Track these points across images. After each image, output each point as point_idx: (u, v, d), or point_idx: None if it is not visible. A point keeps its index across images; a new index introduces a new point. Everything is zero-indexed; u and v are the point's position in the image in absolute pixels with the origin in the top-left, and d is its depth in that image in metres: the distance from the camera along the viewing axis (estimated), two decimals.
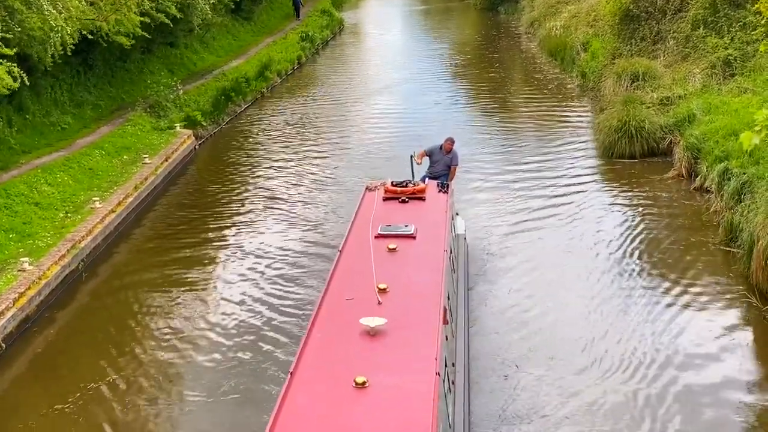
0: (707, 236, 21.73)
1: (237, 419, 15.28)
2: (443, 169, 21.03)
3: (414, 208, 17.14)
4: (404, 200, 17.47)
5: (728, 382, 15.55)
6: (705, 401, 15.05)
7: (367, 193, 18.17)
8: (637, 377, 15.85)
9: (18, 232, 21.92)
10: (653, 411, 14.82)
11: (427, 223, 16.10)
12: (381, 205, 17.19)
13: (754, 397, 15.09)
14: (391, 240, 14.96)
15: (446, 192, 18.40)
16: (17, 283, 19.18)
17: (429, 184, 18.53)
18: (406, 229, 15.46)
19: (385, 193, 17.78)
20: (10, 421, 15.48)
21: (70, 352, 17.87)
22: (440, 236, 15.55)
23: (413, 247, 14.91)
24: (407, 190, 17.78)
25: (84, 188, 25.75)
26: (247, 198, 26.96)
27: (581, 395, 15.34)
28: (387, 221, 15.93)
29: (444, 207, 17.38)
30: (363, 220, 16.18)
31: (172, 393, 16.23)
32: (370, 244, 14.53)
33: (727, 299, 18.58)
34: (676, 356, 16.47)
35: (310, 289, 19.78)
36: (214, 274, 21.27)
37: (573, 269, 20.45)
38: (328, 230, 23.70)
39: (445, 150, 21.12)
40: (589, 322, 17.93)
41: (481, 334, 17.64)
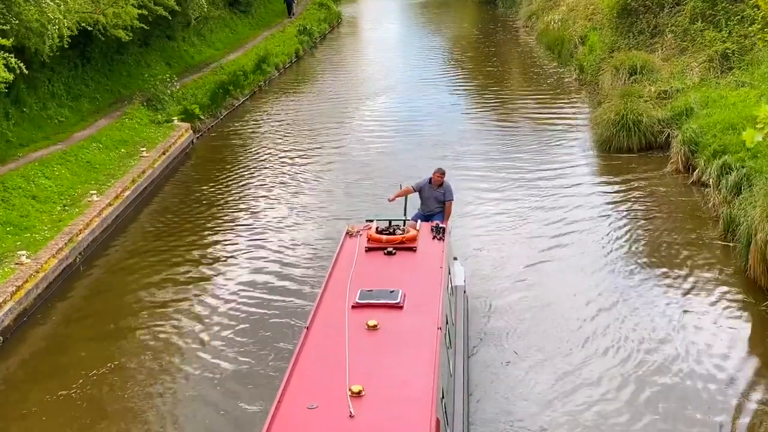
0: (705, 230, 21.73)
1: (236, 404, 15.31)
2: (436, 206, 18.36)
3: (402, 263, 14.37)
4: (391, 252, 14.64)
5: (724, 375, 15.55)
6: (700, 394, 15.05)
7: (346, 240, 15.40)
8: (632, 369, 15.85)
9: (15, 225, 21.89)
10: (647, 403, 14.82)
11: (418, 286, 13.36)
12: (363, 257, 14.52)
13: (750, 391, 15.08)
14: (371, 312, 12.26)
15: (442, 239, 15.54)
16: (15, 277, 19.16)
17: (421, 230, 15.63)
18: (392, 296, 12.67)
19: (369, 242, 14.95)
20: (12, 411, 15.49)
21: (68, 344, 17.86)
22: (433, 305, 12.76)
23: (399, 323, 12.17)
24: (395, 238, 14.94)
25: (81, 181, 25.72)
26: (245, 191, 26.93)
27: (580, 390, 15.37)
28: (368, 282, 13.26)
29: (439, 261, 14.52)
30: (339, 280, 13.51)
31: (171, 382, 16.23)
32: (346, 318, 12.03)
33: (724, 293, 18.57)
34: (672, 350, 16.45)
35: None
36: (213, 267, 21.24)
37: (568, 271, 20.45)
38: (324, 221, 23.74)
39: (435, 183, 18.32)
40: (586, 313, 17.93)
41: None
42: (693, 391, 15.17)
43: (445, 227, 16.21)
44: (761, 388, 15.28)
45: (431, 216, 17.97)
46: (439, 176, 18.33)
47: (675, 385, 15.36)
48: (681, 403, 14.83)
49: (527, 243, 21.80)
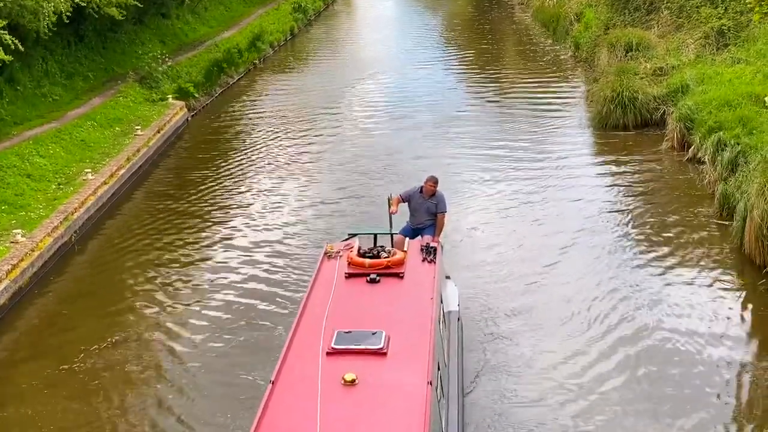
0: (701, 207, 21.72)
1: (235, 376, 15.37)
2: (427, 218, 16.26)
3: (387, 294, 12.49)
4: (374, 279, 12.73)
5: (721, 352, 15.56)
6: (698, 369, 15.08)
7: (324, 262, 13.50)
8: (629, 345, 15.87)
9: (10, 203, 21.84)
10: (643, 378, 14.85)
11: (406, 325, 11.51)
12: (342, 286, 12.61)
13: (748, 367, 15.10)
14: (350, 361, 10.47)
15: (433, 261, 13.60)
16: (10, 255, 19.13)
17: (410, 250, 13.79)
18: (374, 339, 10.83)
19: (350, 266, 13.05)
20: (12, 385, 15.51)
21: (65, 321, 17.86)
22: (422, 351, 10.87)
23: (382, 377, 10.32)
24: (379, 263, 13.01)
25: (76, 160, 25.65)
26: (241, 169, 26.87)
27: (574, 366, 15.40)
28: (347, 319, 11.51)
29: (430, 290, 12.57)
30: (313, 316, 11.67)
31: (170, 355, 16.28)
32: (319, 370, 10.26)
33: (720, 270, 18.57)
34: (668, 327, 16.47)
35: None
36: (208, 246, 21.22)
37: (565, 250, 20.45)
38: (319, 192, 23.77)
39: (427, 193, 16.20)
40: (580, 290, 17.95)
41: None
42: (688, 366, 15.18)
43: (437, 247, 14.18)
44: (755, 362, 15.30)
45: (421, 230, 16.13)
46: (432, 185, 16.16)
47: (671, 360, 15.37)
48: (677, 379, 14.84)
49: (521, 222, 21.77)
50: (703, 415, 13.85)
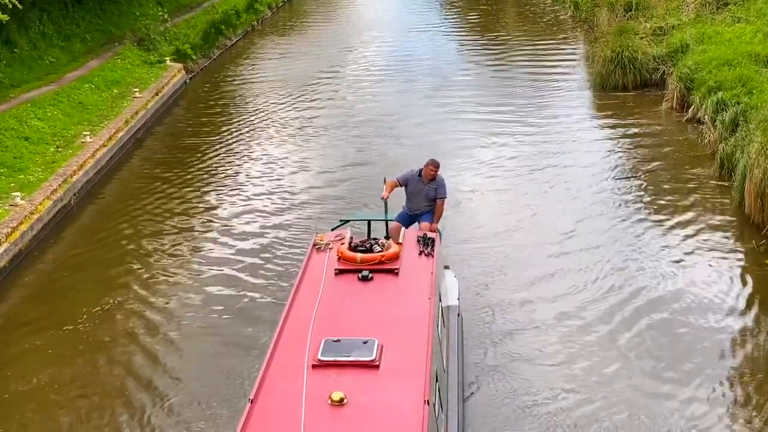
0: (701, 168, 21.71)
1: (234, 337, 15.43)
2: (426, 204, 15.17)
3: (380, 294, 11.43)
4: (366, 277, 11.59)
5: (720, 311, 15.60)
6: (697, 329, 15.11)
7: (313, 255, 12.41)
8: (628, 305, 15.89)
9: (9, 166, 21.80)
10: (638, 340, 14.86)
11: (401, 330, 10.44)
12: (331, 284, 11.53)
13: (746, 326, 15.13)
14: (337, 375, 9.42)
15: (431, 254, 12.50)
16: (9, 218, 19.11)
17: (405, 242, 12.75)
18: (365, 349, 9.74)
19: (340, 262, 11.94)
20: (16, 346, 15.55)
21: (66, 284, 17.88)
22: (419, 362, 9.78)
23: (374, 395, 9.23)
24: (372, 257, 11.90)
25: (74, 122, 25.58)
26: (240, 131, 26.82)
27: (567, 326, 15.45)
28: (336, 324, 10.50)
29: (427, 289, 11.50)
30: (299, 321, 10.61)
31: (173, 316, 16.31)
32: (303, 387, 9.19)
33: (719, 230, 18.59)
34: (668, 287, 16.50)
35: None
36: (207, 208, 21.21)
37: (567, 211, 20.46)
38: (318, 156, 23.73)
39: (426, 177, 15.13)
40: (580, 256, 17.97)
41: None
42: (688, 326, 15.20)
43: (435, 238, 13.09)
44: (753, 321, 15.33)
45: (418, 216, 15.16)
46: (433, 169, 15.07)
47: (670, 319, 15.39)
48: (676, 337, 14.88)
49: (521, 184, 21.74)
50: (701, 372, 13.87)
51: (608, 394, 13.42)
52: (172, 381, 14.31)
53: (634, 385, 13.63)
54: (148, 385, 14.26)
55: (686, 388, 13.47)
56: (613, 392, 13.45)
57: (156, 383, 14.26)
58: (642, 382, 13.71)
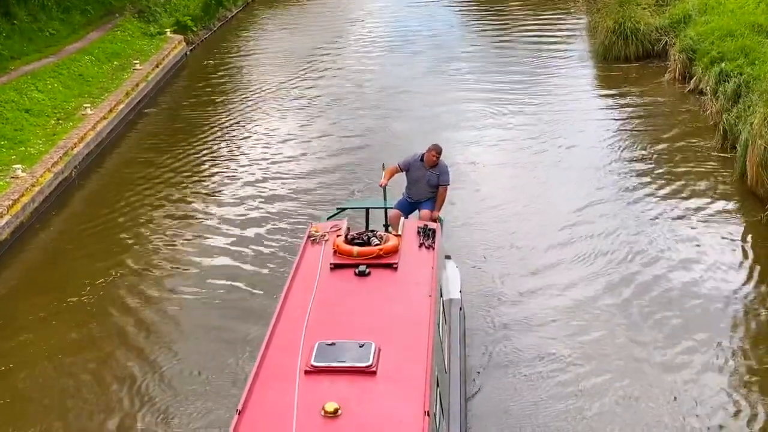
0: (703, 139, 21.66)
1: (232, 309, 15.49)
2: (427, 191, 14.44)
3: (378, 291, 10.78)
4: (363, 272, 10.95)
5: (724, 283, 15.58)
6: (698, 299, 15.13)
7: (308, 247, 11.78)
8: (628, 276, 15.90)
9: (9, 139, 21.76)
10: (643, 311, 14.87)
11: (399, 332, 9.85)
12: (326, 280, 10.93)
13: (747, 296, 15.15)
14: (332, 382, 8.85)
15: (432, 247, 11.84)
16: (10, 190, 19.10)
17: (405, 234, 12.05)
18: (361, 354, 9.14)
19: (336, 256, 11.28)
20: (20, 317, 15.57)
21: (68, 256, 17.88)
22: (419, 369, 9.16)
23: (371, 405, 8.66)
24: (370, 251, 11.21)
25: (74, 95, 25.50)
26: (241, 103, 26.75)
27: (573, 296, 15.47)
28: (331, 325, 9.90)
29: (428, 285, 10.88)
30: (292, 321, 10.01)
31: (171, 290, 16.32)
32: (295, 396, 8.60)
33: (721, 201, 18.57)
34: (670, 258, 16.50)
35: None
36: (208, 180, 21.20)
37: (569, 183, 20.42)
38: (320, 131, 23.70)
39: (428, 162, 14.37)
40: (581, 227, 17.96)
41: None
42: (689, 296, 15.23)
43: (437, 229, 12.42)
44: (754, 291, 15.35)
45: (418, 203, 14.48)
46: (434, 154, 14.33)
47: (675, 291, 15.40)
48: (681, 309, 14.89)
49: (523, 156, 21.70)
50: (709, 342, 13.93)
51: (615, 363, 13.45)
52: (169, 350, 14.38)
53: (642, 356, 13.64)
54: (147, 352, 14.36)
55: (694, 358, 13.50)
56: (621, 362, 13.50)
57: (155, 352, 14.35)
58: (650, 352, 13.72)
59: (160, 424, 12.56)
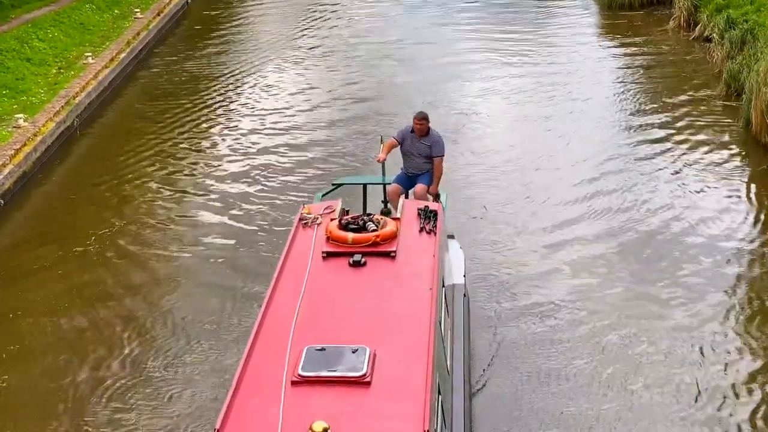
0: (708, 87, 21.59)
1: (238, 256, 15.52)
2: (422, 163, 13.59)
3: (374, 284, 9.82)
4: (358, 262, 9.96)
5: (727, 233, 15.59)
6: (700, 247, 15.14)
7: (299, 232, 10.81)
8: (633, 228, 15.88)
9: (11, 88, 21.68)
10: (646, 261, 14.88)
11: (397, 333, 8.89)
12: (317, 271, 9.95)
13: (753, 249, 15.11)
14: (321, 394, 7.91)
15: (433, 231, 10.87)
16: (13, 140, 19.05)
17: (404, 216, 11.13)
18: (354, 361, 8.17)
19: (328, 243, 10.29)
20: (24, 266, 15.58)
21: (71, 206, 17.86)
22: (417, 380, 8.17)
23: (364, 422, 7.74)
24: (365, 238, 10.21)
25: (76, 43, 25.36)
26: (243, 54, 26.59)
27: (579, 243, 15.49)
28: (321, 325, 8.99)
29: (429, 277, 9.88)
30: (278, 320, 9.02)
31: (174, 240, 16.31)
32: (279, 413, 7.67)
33: (727, 150, 18.54)
34: (673, 206, 16.48)
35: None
36: (211, 132, 21.14)
37: (572, 133, 20.34)
38: (321, 82, 23.57)
39: (418, 132, 13.50)
40: (585, 173, 17.92)
41: None
42: (691, 244, 15.25)
43: (438, 209, 11.42)
44: (759, 238, 15.36)
45: (417, 176, 13.62)
46: (420, 122, 13.44)
47: (679, 241, 15.40)
48: (680, 256, 14.92)
49: (527, 106, 21.61)
50: (702, 288, 13.99)
51: (618, 313, 13.45)
52: (174, 298, 14.44)
53: (645, 308, 13.63)
54: (152, 300, 14.40)
55: (695, 307, 13.51)
56: (623, 311, 13.49)
57: (160, 299, 14.39)
58: (651, 303, 13.73)
59: (168, 367, 12.63)
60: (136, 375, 12.48)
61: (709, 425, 11.13)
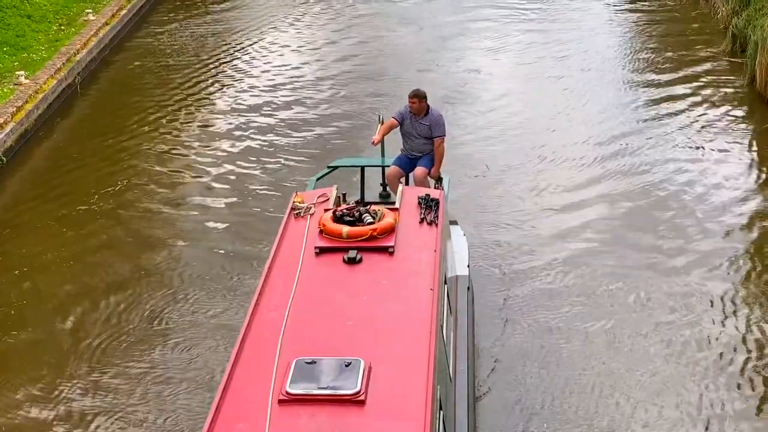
0: (713, 43, 21.45)
1: (239, 218, 15.53)
2: (422, 144, 12.75)
3: (370, 284, 8.98)
4: (354, 258, 9.16)
5: (730, 191, 15.60)
6: (703, 204, 15.19)
7: (290, 224, 10.02)
8: (635, 186, 15.88)
9: (12, 45, 21.57)
10: (648, 220, 14.88)
11: (394, 343, 8.12)
12: (309, 270, 9.12)
13: (755, 208, 15.11)
14: (311, 414, 7.18)
15: (435, 222, 10.06)
16: (14, 97, 18.99)
17: (403, 206, 10.25)
18: (348, 377, 7.38)
19: (321, 236, 9.49)
20: (26, 224, 15.62)
21: (72, 164, 17.82)
22: (417, 395, 7.47)
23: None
24: (361, 232, 9.37)
25: (76, 0, 25.17)
26: (248, 10, 26.38)
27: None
28: (312, 333, 8.20)
29: (430, 274, 9.10)
30: (265, 326, 8.28)
31: (179, 198, 16.37)
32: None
33: (731, 106, 18.51)
34: (676, 163, 16.48)
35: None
36: (215, 88, 21.06)
37: (575, 89, 20.26)
38: (325, 37, 23.44)
39: (416, 111, 12.63)
40: (591, 135, 17.87)
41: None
42: (694, 201, 15.28)
43: (440, 198, 10.54)
44: (762, 200, 15.35)
45: (418, 159, 12.79)
46: (415, 101, 12.55)
47: (681, 199, 15.42)
48: (681, 211, 14.96)
49: (529, 64, 21.51)
50: (703, 244, 14.06)
51: (621, 270, 13.48)
52: (179, 252, 14.52)
53: (648, 263, 13.66)
54: (157, 254, 14.50)
55: (696, 263, 13.55)
56: (624, 268, 13.53)
57: (164, 254, 14.49)
58: (655, 259, 13.75)
59: (172, 317, 12.81)
60: (139, 329, 12.59)
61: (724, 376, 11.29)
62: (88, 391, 11.44)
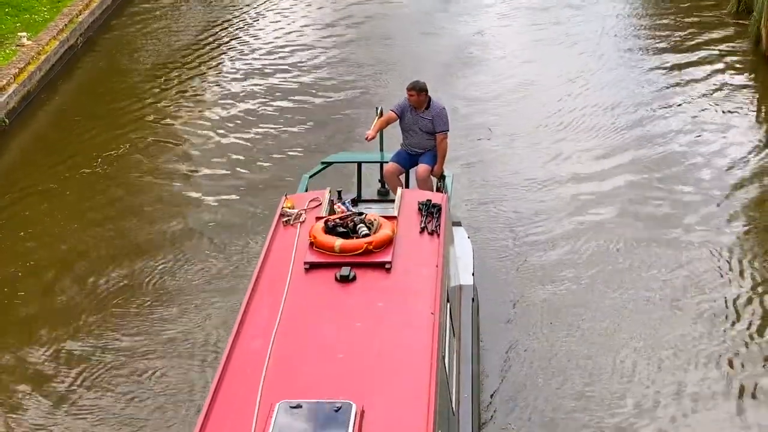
0: (718, 5, 21.34)
1: (250, 180, 15.54)
2: (425, 139, 11.79)
3: (364, 308, 8.02)
4: (346, 276, 8.19)
5: (732, 158, 15.53)
6: (707, 167, 15.19)
7: (278, 233, 9.13)
8: (641, 145, 15.90)
9: (14, 6, 21.49)
10: (651, 187, 14.83)
11: (388, 380, 7.19)
12: (297, 290, 8.18)
13: (757, 175, 15.06)
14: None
15: (437, 232, 9.12)
16: (17, 59, 18.94)
17: (402, 211, 9.36)
18: (336, 424, 6.42)
19: (312, 250, 8.57)
20: (30, 187, 15.58)
21: (75, 127, 17.79)
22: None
23: None
24: (355, 245, 8.42)
25: None
26: None
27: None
28: (297, 368, 7.27)
29: (430, 296, 8.15)
30: (245, 364, 7.31)
31: (185, 159, 16.37)
32: None
33: (735, 69, 18.47)
34: (680, 125, 16.46)
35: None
36: (219, 52, 20.95)
37: (578, 53, 20.18)
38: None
39: (416, 105, 11.65)
40: (595, 93, 17.84)
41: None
42: (698, 164, 15.30)
43: (443, 203, 9.57)
44: (759, 161, 15.36)
45: (419, 156, 11.87)
46: (414, 94, 11.57)
47: (680, 159, 15.43)
48: (685, 174, 14.98)
49: (532, 28, 21.48)
50: (705, 209, 14.08)
51: (622, 240, 13.46)
52: (181, 218, 14.50)
53: (647, 235, 13.63)
54: (158, 218, 14.52)
55: (694, 236, 13.49)
56: (624, 239, 13.51)
57: (166, 217, 14.51)
58: (654, 231, 13.70)
59: (167, 280, 12.87)
60: (142, 291, 12.65)
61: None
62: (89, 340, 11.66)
